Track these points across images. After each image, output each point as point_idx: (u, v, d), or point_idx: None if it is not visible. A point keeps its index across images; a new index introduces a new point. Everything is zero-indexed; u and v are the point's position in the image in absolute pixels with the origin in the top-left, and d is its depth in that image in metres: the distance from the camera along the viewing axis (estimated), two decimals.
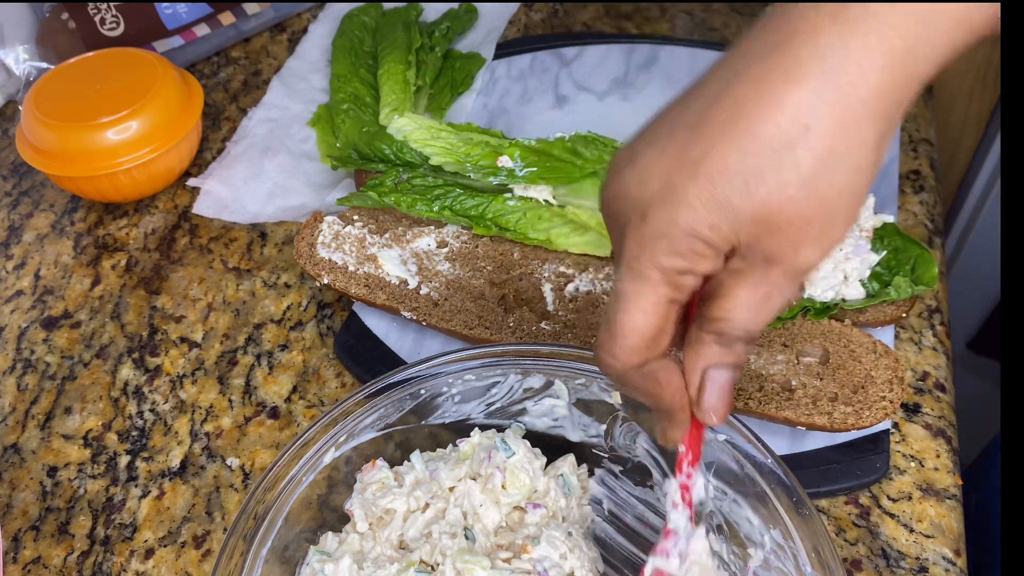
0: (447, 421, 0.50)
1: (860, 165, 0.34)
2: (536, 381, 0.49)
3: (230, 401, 0.60)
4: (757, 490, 0.43)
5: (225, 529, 0.54)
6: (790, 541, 0.41)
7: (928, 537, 0.51)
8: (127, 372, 0.62)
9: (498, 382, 0.49)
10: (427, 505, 0.46)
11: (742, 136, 0.34)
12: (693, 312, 0.39)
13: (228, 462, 0.57)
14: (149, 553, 0.53)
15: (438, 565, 0.43)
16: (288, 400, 0.60)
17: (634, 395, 0.40)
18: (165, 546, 0.53)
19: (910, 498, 0.52)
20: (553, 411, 0.49)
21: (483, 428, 0.49)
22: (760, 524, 0.43)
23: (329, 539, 0.46)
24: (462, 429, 0.50)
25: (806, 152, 0.33)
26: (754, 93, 0.34)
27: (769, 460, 0.43)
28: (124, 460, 0.58)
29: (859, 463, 0.52)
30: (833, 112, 0.33)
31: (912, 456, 0.54)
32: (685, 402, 0.39)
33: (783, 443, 0.54)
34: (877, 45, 0.33)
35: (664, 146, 0.36)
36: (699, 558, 0.41)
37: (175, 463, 0.57)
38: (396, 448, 0.49)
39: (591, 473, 0.50)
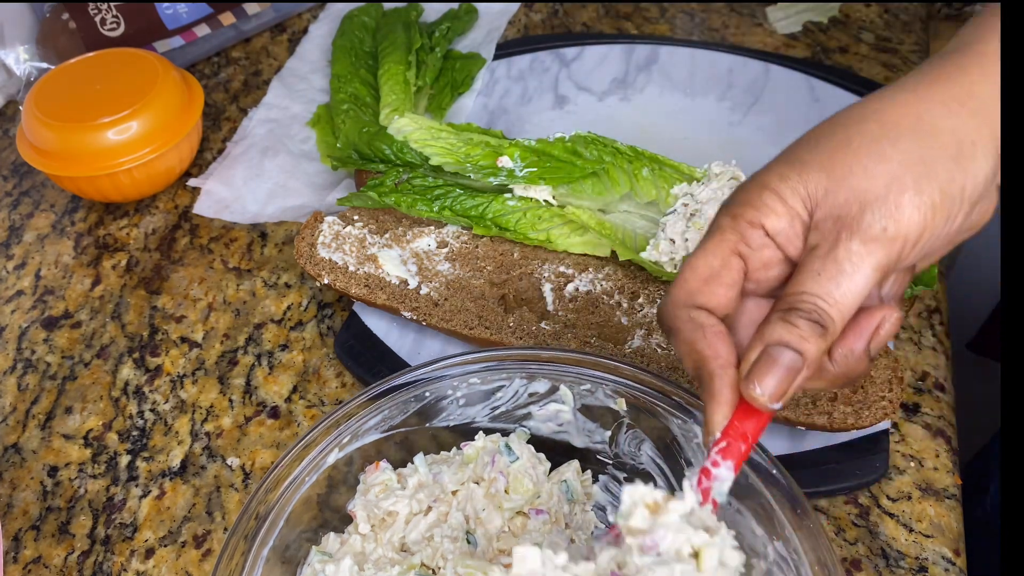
0: (451, 424, 0.50)
1: (930, 145, 0.37)
2: (541, 386, 0.49)
3: (230, 401, 0.60)
4: (761, 501, 0.43)
5: (225, 529, 0.54)
6: (793, 553, 0.41)
7: (928, 537, 0.51)
8: (127, 372, 0.62)
9: (503, 386, 0.49)
10: (429, 508, 0.46)
11: (824, 124, 0.40)
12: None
13: (228, 462, 0.57)
14: (149, 553, 0.53)
15: (439, 569, 0.44)
16: (288, 400, 0.60)
17: (678, 350, 0.39)
18: (165, 546, 0.54)
19: (909, 498, 0.52)
20: (558, 416, 0.49)
21: (487, 432, 0.49)
22: (764, 535, 0.43)
23: (331, 540, 0.46)
24: (466, 432, 0.50)
25: (874, 123, 0.38)
26: (851, 108, 0.40)
27: (775, 471, 0.43)
28: (124, 460, 0.58)
29: (858, 463, 0.53)
30: (903, 103, 0.38)
31: (911, 456, 0.54)
32: (727, 371, 0.38)
33: (783, 443, 0.54)
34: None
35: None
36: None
37: (175, 463, 0.57)
38: (399, 450, 0.49)
39: (595, 479, 0.50)
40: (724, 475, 0.37)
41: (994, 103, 0.38)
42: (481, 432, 0.49)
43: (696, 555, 0.34)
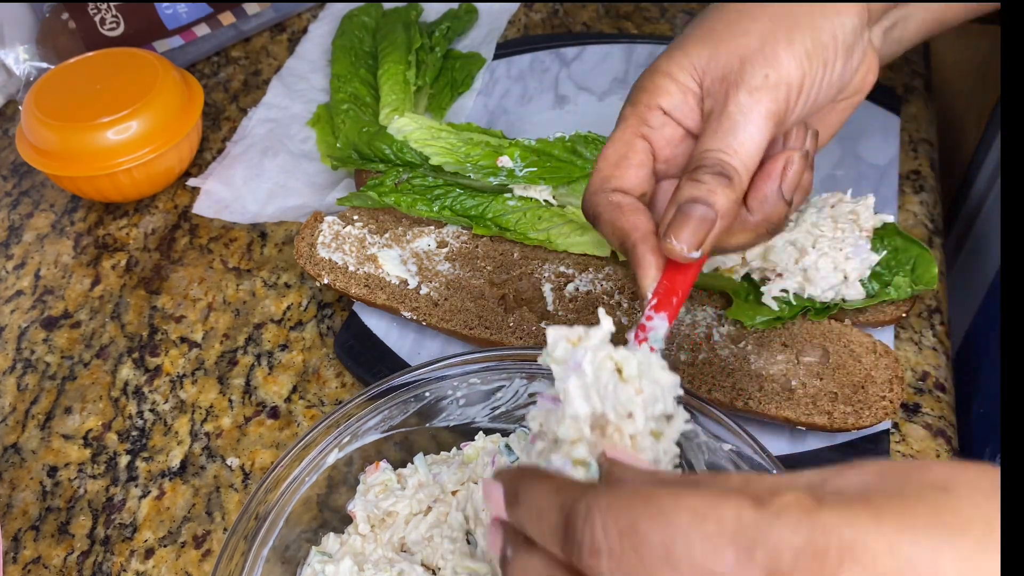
0: (451, 424, 0.50)
1: (794, 5, 0.42)
2: (541, 386, 0.49)
3: (230, 401, 0.60)
4: None
5: (225, 529, 0.54)
6: None
7: None
8: (127, 372, 0.62)
9: (503, 386, 0.49)
10: (429, 508, 0.46)
11: (703, 12, 0.45)
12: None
13: (228, 462, 0.57)
14: (149, 553, 0.53)
15: (439, 569, 0.43)
16: (288, 400, 0.60)
17: (602, 230, 0.43)
18: (165, 546, 0.54)
19: None
20: None
21: (487, 432, 0.49)
22: None
23: (331, 540, 0.46)
24: (466, 432, 0.50)
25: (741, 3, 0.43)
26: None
27: (775, 471, 0.43)
28: (124, 460, 0.58)
29: None
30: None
31: (912, 456, 0.54)
32: (648, 238, 0.41)
33: (783, 443, 0.54)
34: None
35: None
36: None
37: (175, 463, 0.57)
38: (399, 450, 0.49)
39: None
40: (658, 324, 0.41)
41: None
42: (481, 432, 0.49)
43: (619, 371, 0.35)
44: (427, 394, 0.48)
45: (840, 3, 0.42)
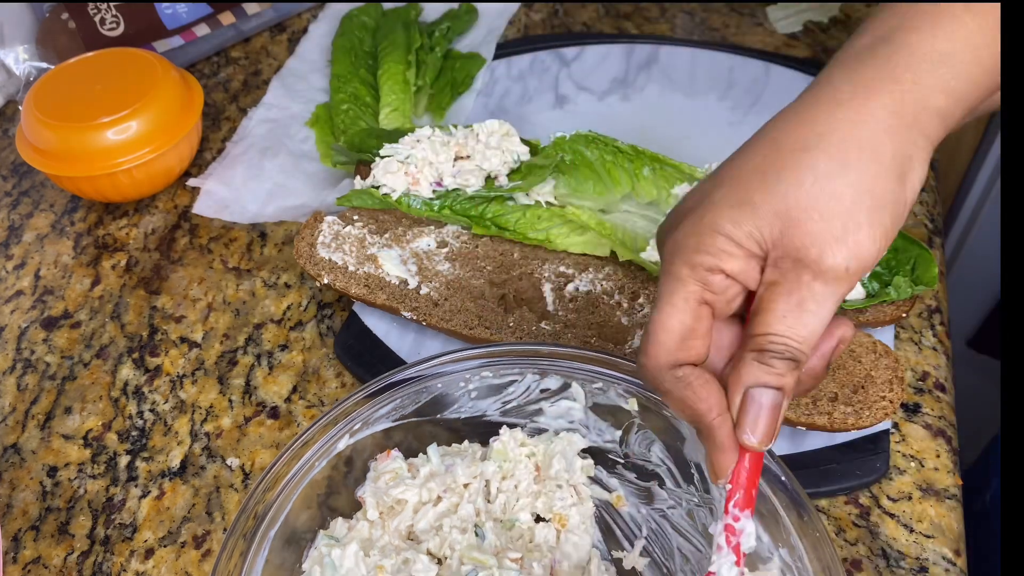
0: (462, 417, 0.50)
1: (876, 172, 0.37)
2: (553, 382, 0.49)
3: (230, 401, 0.60)
4: (768, 507, 0.42)
5: (225, 529, 0.54)
6: (798, 561, 0.41)
7: (928, 537, 0.51)
8: (127, 372, 0.62)
9: (515, 381, 0.49)
10: (439, 498, 0.46)
11: (765, 144, 0.39)
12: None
13: (228, 462, 0.57)
14: (149, 553, 0.53)
15: (445, 558, 0.44)
16: (288, 400, 0.60)
17: (671, 406, 0.40)
18: (165, 546, 0.53)
19: (910, 498, 0.52)
20: (569, 413, 0.49)
21: (498, 426, 0.49)
22: (769, 542, 0.43)
23: (339, 524, 0.46)
24: (477, 425, 0.50)
25: (820, 153, 0.37)
26: (777, 119, 0.40)
27: (783, 477, 0.43)
28: (124, 460, 0.58)
29: (859, 463, 0.52)
30: (846, 124, 0.37)
31: (912, 456, 0.54)
32: (724, 419, 0.39)
33: (783, 443, 0.54)
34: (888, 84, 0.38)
35: (705, 181, 0.41)
36: None
37: (175, 463, 0.57)
38: (402, 449, 0.49)
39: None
40: (746, 524, 0.39)
41: (923, 109, 0.38)
42: (505, 427, 0.49)
43: None
44: (438, 385, 0.48)
45: (915, 160, 0.38)
